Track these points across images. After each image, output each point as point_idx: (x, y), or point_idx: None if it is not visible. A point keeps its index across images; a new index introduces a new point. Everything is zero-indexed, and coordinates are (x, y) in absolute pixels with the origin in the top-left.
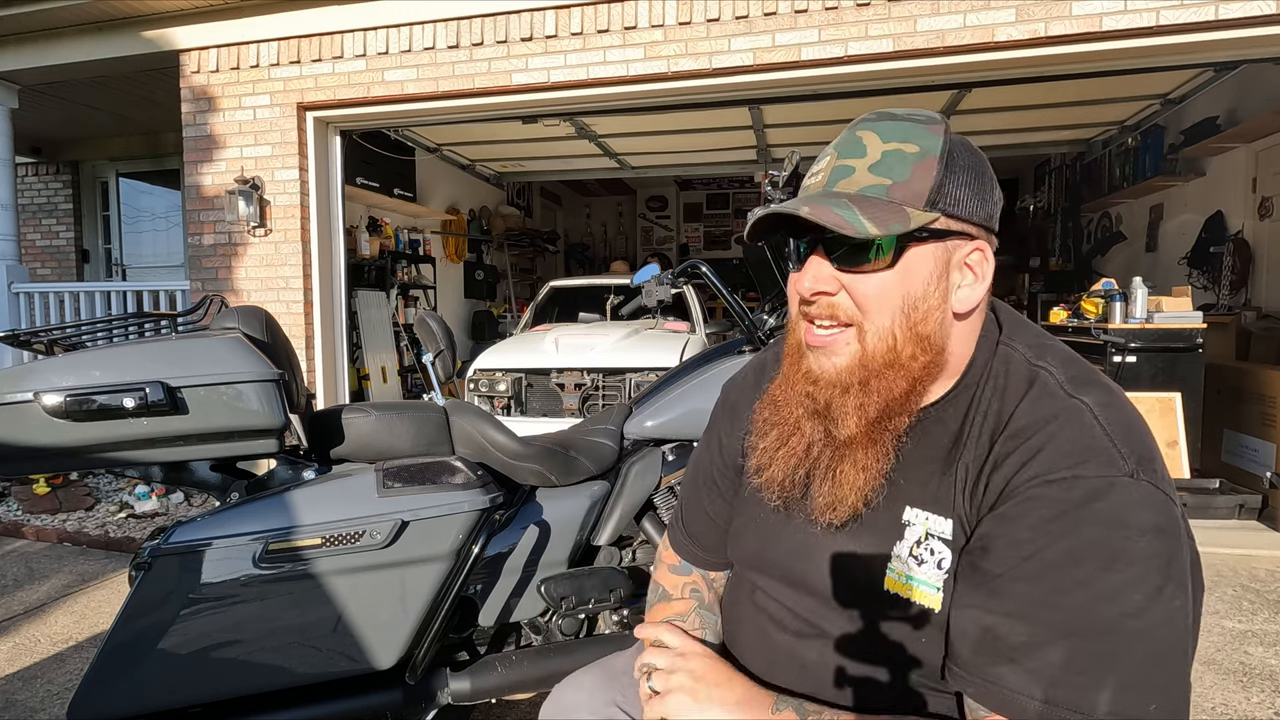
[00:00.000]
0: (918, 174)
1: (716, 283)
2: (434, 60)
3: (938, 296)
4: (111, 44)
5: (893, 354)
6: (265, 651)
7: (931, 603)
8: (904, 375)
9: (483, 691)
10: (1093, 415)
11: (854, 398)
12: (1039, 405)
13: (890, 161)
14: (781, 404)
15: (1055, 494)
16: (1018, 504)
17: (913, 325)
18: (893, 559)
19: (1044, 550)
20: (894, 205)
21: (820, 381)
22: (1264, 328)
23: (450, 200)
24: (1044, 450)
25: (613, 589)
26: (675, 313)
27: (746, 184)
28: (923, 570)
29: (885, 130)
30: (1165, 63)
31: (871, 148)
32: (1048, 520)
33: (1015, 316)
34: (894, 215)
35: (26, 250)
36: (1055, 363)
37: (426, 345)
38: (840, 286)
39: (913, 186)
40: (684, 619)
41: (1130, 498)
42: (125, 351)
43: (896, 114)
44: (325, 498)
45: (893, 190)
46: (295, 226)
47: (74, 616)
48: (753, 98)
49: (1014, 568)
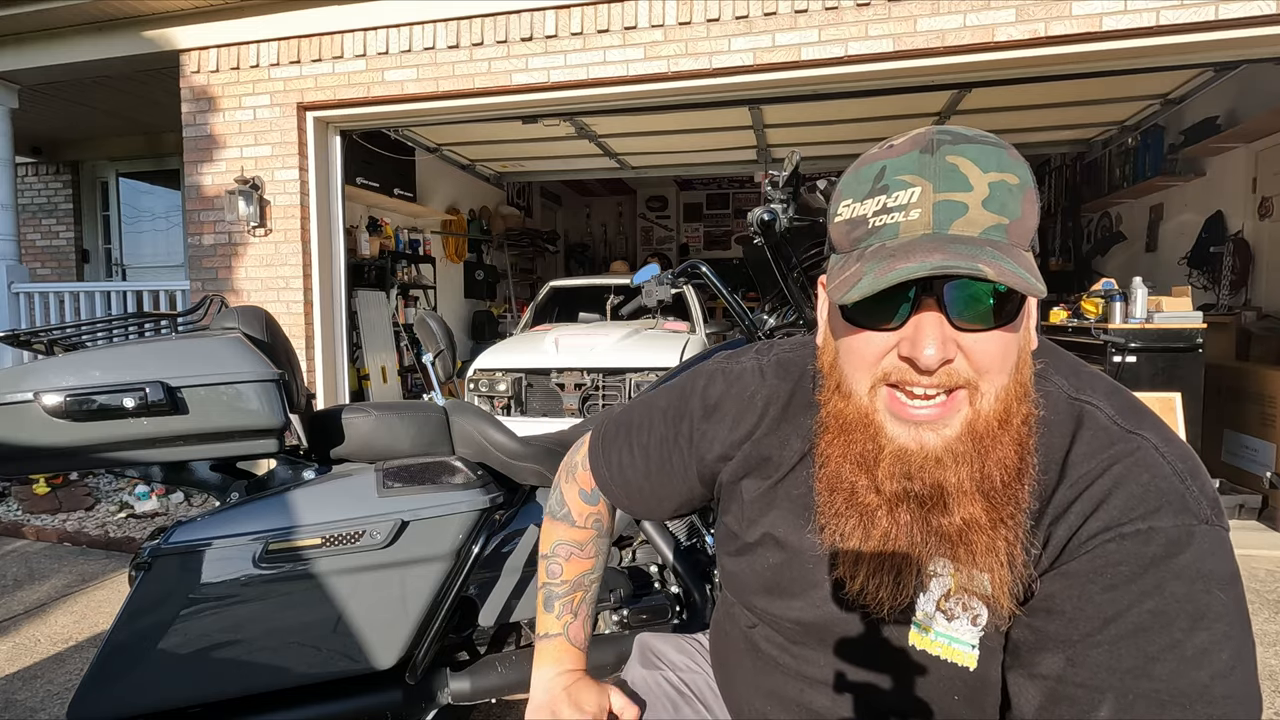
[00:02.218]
0: (1028, 210)
1: (716, 283)
2: (434, 60)
3: (1029, 341)
4: (111, 44)
5: (1005, 413)
6: (265, 651)
7: (966, 661)
8: (1013, 436)
9: (483, 691)
10: (1159, 454)
11: (969, 469)
12: (1096, 446)
13: (1000, 196)
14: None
15: (1132, 549)
16: (1088, 560)
17: (1020, 376)
18: (917, 612)
19: (1126, 613)
20: (1018, 249)
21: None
22: (1264, 328)
23: (450, 200)
24: (1111, 497)
25: (613, 589)
26: (675, 313)
27: (746, 184)
28: (953, 627)
29: (977, 156)
30: (1165, 63)
31: (974, 179)
32: (1127, 579)
33: (1043, 341)
34: (1030, 263)
35: (26, 250)
36: (1100, 396)
37: (426, 345)
38: (957, 350)
39: (1026, 224)
40: (582, 547)
41: (1208, 547)
42: (125, 351)
43: (969, 135)
44: (325, 498)
45: (1011, 230)
46: (295, 226)
47: (74, 616)
48: (753, 98)
49: (1092, 633)
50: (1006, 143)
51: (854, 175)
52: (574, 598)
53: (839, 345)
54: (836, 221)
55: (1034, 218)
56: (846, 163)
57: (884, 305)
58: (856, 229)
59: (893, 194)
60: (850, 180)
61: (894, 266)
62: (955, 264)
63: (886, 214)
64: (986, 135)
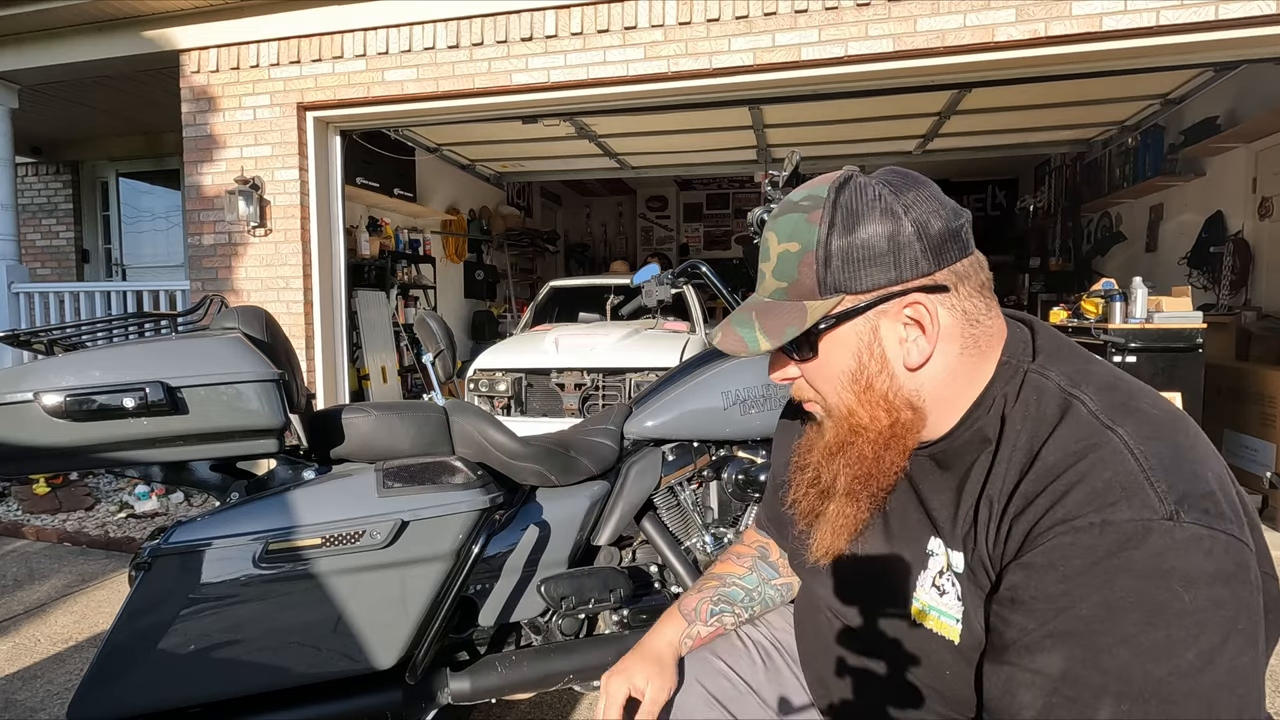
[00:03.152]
0: (804, 272)
1: (716, 283)
2: (434, 60)
3: (876, 364)
4: (111, 44)
5: (852, 420)
6: (265, 651)
7: (951, 634)
8: (869, 440)
9: (483, 691)
10: (1127, 448)
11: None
12: (1068, 439)
13: (782, 264)
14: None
15: (1085, 541)
16: (1044, 552)
17: (859, 393)
18: (917, 588)
19: (1078, 604)
20: (793, 305)
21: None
22: (1264, 328)
23: (450, 200)
24: (1072, 491)
25: (613, 589)
26: (675, 313)
27: (746, 184)
28: (944, 601)
29: (780, 228)
30: (1165, 63)
31: (772, 250)
32: (1079, 571)
33: (1057, 340)
34: (792, 317)
35: (26, 250)
36: (1092, 390)
37: (426, 345)
38: (800, 372)
39: (804, 284)
40: (742, 559)
41: (1171, 543)
42: (125, 351)
43: (794, 200)
44: (325, 498)
45: (790, 290)
46: (295, 226)
47: (74, 616)
48: (753, 98)
49: (1047, 621)
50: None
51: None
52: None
53: None
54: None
55: (810, 277)
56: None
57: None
58: None
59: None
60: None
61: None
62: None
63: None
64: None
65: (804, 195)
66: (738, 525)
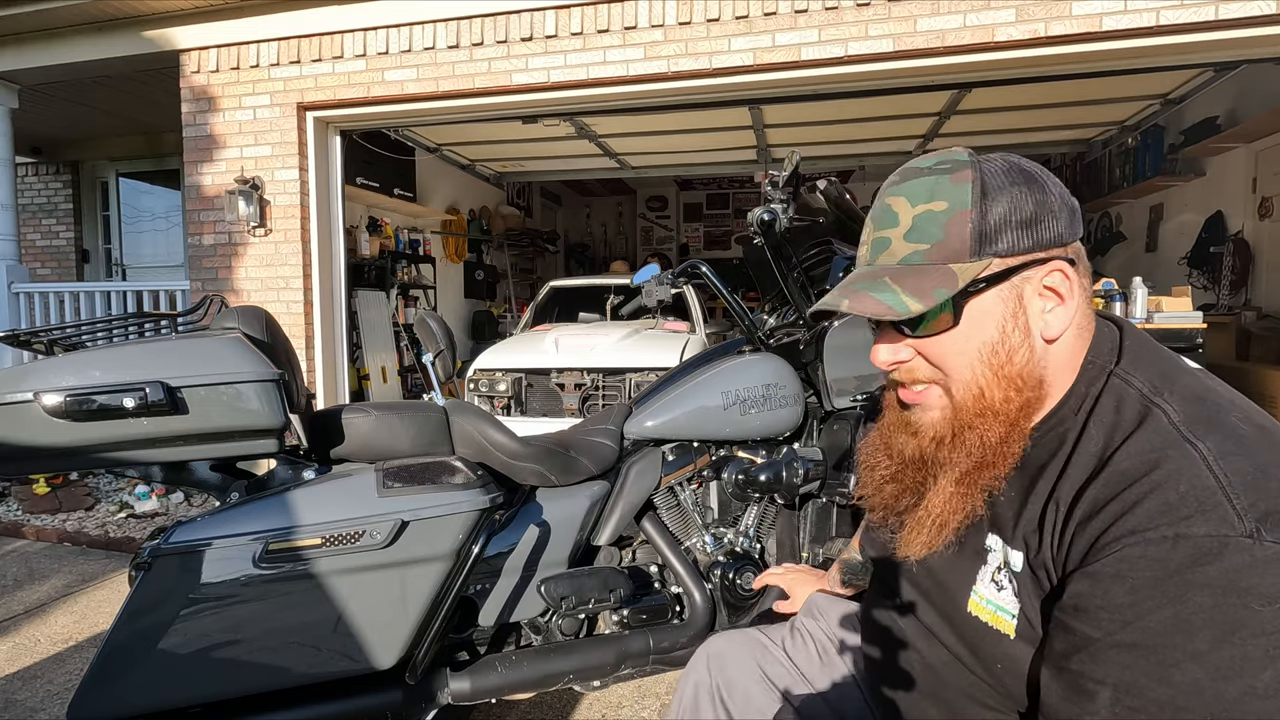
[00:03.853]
0: (952, 232)
1: (716, 283)
2: (434, 60)
3: (1019, 334)
4: (111, 44)
5: (982, 402)
6: (265, 651)
7: (1006, 629)
8: (999, 420)
9: (483, 691)
10: (1205, 464)
11: (948, 450)
12: (1145, 449)
13: (923, 225)
14: (886, 445)
15: (1156, 554)
16: (1111, 562)
17: (998, 369)
18: (976, 582)
19: (1146, 617)
20: (936, 268)
21: (919, 433)
22: (1264, 328)
23: (450, 200)
24: (1144, 501)
25: (613, 589)
26: (675, 313)
27: (746, 184)
28: (1001, 596)
29: (913, 191)
30: (1165, 63)
31: (903, 214)
32: (1149, 584)
33: (1144, 343)
34: (939, 279)
35: (26, 250)
36: (1175, 399)
37: (426, 345)
38: (915, 352)
39: (951, 245)
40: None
41: (1249, 561)
42: (125, 351)
43: (922, 167)
44: (325, 498)
45: (930, 253)
46: (295, 226)
47: (74, 616)
48: (753, 98)
49: (1113, 632)
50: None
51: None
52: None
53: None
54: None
55: (960, 237)
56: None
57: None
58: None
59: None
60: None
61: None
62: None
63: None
64: (942, 162)
65: (934, 161)
66: (738, 525)
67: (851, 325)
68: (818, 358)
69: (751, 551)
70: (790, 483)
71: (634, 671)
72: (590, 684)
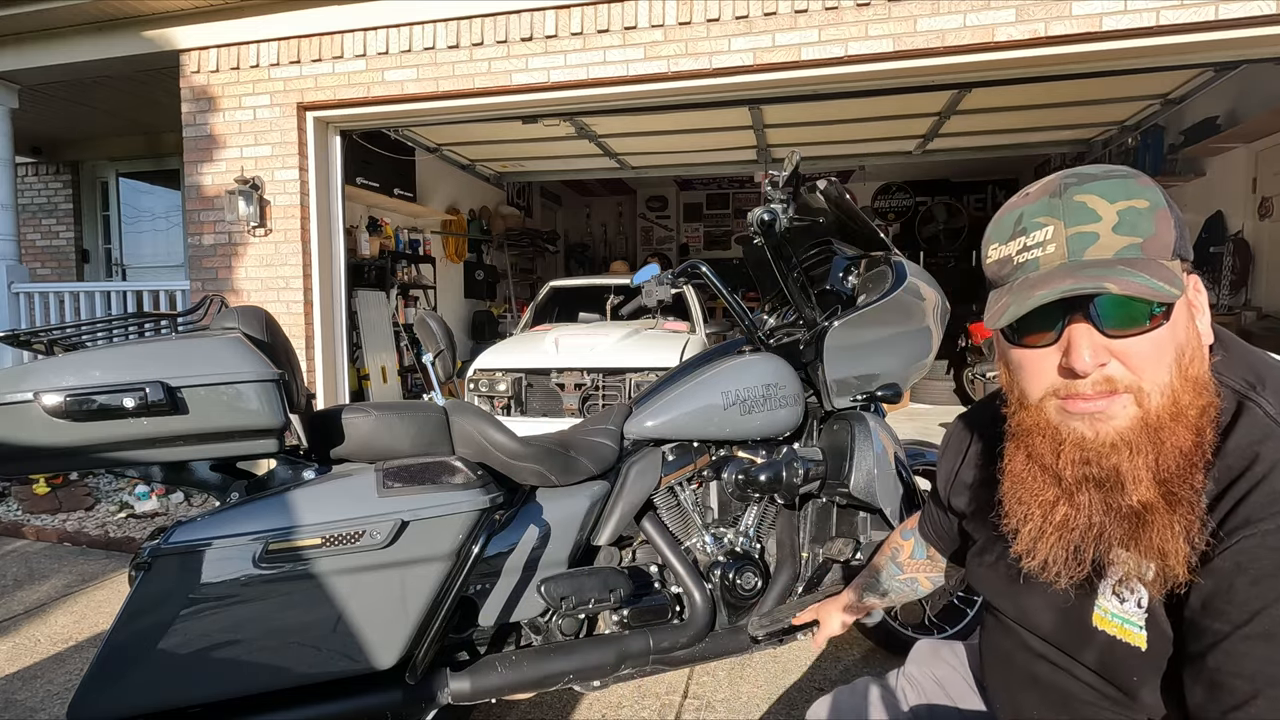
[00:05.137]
0: (1161, 226)
1: (716, 283)
2: (434, 60)
3: (1195, 338)
4: (111, 44)
5: (1176, 406)
6: (265, 651)
7: (1137, 641)
8: (1188, 426)
9: (483, 691)
10: None
11: (1144, 458)
12: (1244, 443)
13: (1131, 219)
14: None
15: (1272, 543)
16: (1231, 555)
17: (1185, 371)
18: (1099, 595)
19: (1272, 605)
20: (1155, 262)
21: (1098, 447)
22: (1264, 328)
23: (450, 200)
24: (1253, 493)
25: (613, 589)
26: (675, 313)
27: (746, 184)
28: (1124, 608)
29: (1105, 190)
30: (1165, 63)
31: (1102, 210)
32: (1270, 573)
33: (1233, 341)
34: (1168, 272)
35: (26, 250)
36: (1270, 393)
37: (426, 345)
38: (1111, 355)
39: (1162, 239)
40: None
41: None
42: (125, 351)
43: (1096, 173)
44: (325, 498)
45: (1145, 246)
46: (295, 226)
47: (74, 616)
48: (753, 98)
49: (1241, 625)
50: (1135, 172)
51: (996, 223)
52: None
53: (1012, 364)
54: (988, 262)
55: (1169, 232)
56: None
57: (1043, 326)
58: (1004, 267)
59: (1030, 234)
60: (993, 228)
61: (1033, 294)
62: (1082, 285)
63: (1027, 252)
64: (1114, 170)
65: (1103, 169)
66: (738, 525)
67: (852, 325)
68: (818, 358)
69: (751, 551)
70: (790, 483)
71: (634, 671)
72: (590, 684)
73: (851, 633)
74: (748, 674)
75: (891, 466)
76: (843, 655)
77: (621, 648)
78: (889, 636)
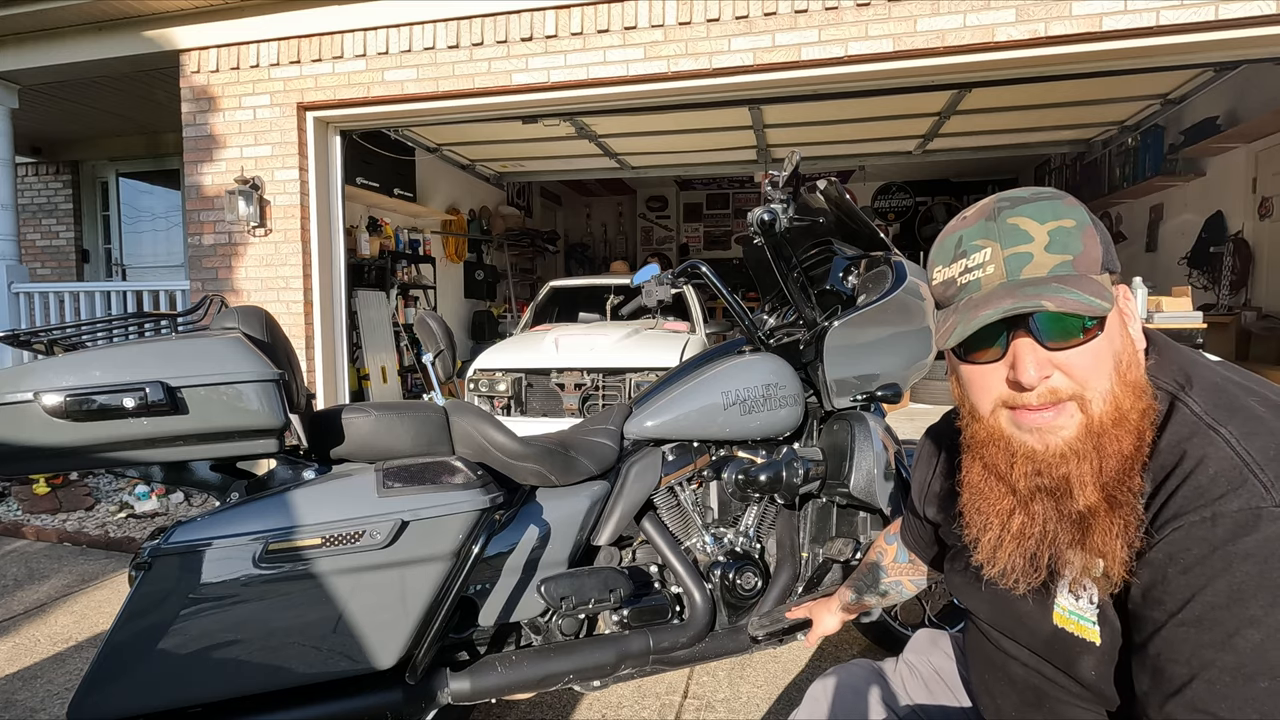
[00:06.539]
0: (1089, 243)
1: (716, 283)
2: (434, 60)
3: (1130, 345)
4: (111, 44)
5: (1118, 411)
6: (265, 651)
7: (1091, 636)
8: (1129, 430)
9: (483, 691)
10: (1230, 446)
11: (1089, 463)
12: (1173, 441)
13: (1061, 239)
14: (988, 493)
15: (1198, 534)
16: (1163, 548)
17: (1124, 377)
18: (1058, 594)
19: (1201, 592)
20: (1086, 277)
21: (1048, 458)
22: (1264, 328)
23: (450, 200)
24: (1181, 489)
25: (613, 589)
26: (675, 313)
27: (746, 184)
28: (1079, 605)
29: (1034, 212)
30: (1165, 63)
31: (1034, 230)
32: (1197, 561)
33: (1165, 343)
34: (1098, 286)
35: (26, 250)
36: (1196, 392)
37: (426, 345)
38: (1054, 368)
39: (1090, 255)
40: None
41: None
42: (125, 351)
43: (1025, 196)
44: (325, 498)
45: (1076, 263)
46: (295, 226)
47: (74, 616)
48: (753, 98)
49: (1175, 612)
50: (1061, 193)
51: (939, 246)
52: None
53: (963, 380)
54: (934, 284)
55: (1096, 248)
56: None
57: (988, 343)
58: (949, 289)
59: (970, 256)
60: (937, 250)
61: (977, 314)
62: (1020, 304)
63: (969, 273)
64: (1041, 192)
65: (1031, 192)
66: (738, 525)
67: (852, 325)
68: (818, 358)
69: (751, 551)
70: (790, 483)
71: (634, 671)
72: (590, 684)
73: (851, 631)
74: (748, 674)
75: (891, 467)
76: (842, 654)
77: (621, 648)
78: (887, 635)
